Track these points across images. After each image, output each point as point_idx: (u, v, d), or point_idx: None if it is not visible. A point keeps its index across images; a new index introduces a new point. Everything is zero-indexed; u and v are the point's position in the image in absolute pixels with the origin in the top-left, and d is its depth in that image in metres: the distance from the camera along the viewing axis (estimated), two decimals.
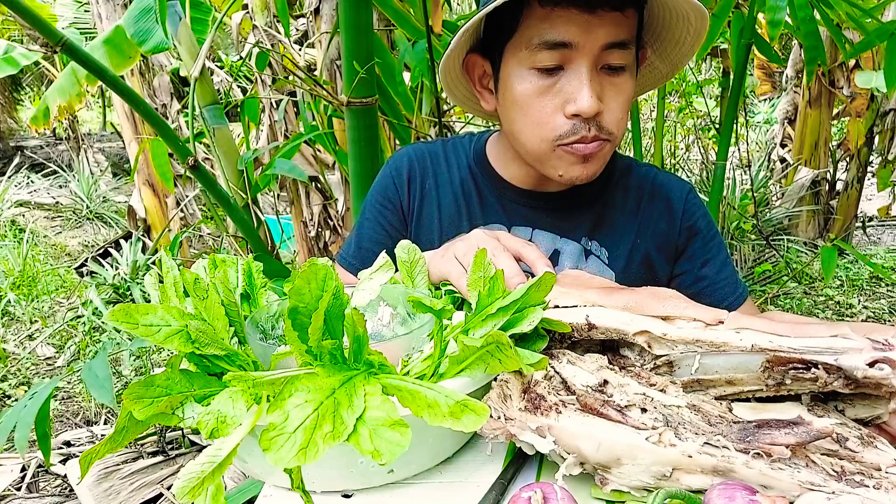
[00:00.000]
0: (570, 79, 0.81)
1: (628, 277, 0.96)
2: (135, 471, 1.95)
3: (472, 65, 0.92)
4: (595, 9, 0.78)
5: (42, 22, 1.24)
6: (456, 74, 0.95)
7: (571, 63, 0.81)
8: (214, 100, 1.66)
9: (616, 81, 0.83)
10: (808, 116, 4.04)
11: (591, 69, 0.80)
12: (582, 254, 0.97)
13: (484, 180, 1.01)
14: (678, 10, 0.83)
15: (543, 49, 0.81)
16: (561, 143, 0.84)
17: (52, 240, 5.27)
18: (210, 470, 0.49)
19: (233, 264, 0.76)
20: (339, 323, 0.57)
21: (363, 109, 1.40)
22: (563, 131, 0.83)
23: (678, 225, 0.99)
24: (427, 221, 1.02)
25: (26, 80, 8.24)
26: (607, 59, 0.81)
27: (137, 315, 0.57)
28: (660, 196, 1.00)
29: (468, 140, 1.06)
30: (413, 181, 1.04)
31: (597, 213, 0.98)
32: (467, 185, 1.02)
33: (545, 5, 0.80)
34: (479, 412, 0.49)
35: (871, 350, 0.53)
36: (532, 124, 0.85)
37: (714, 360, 0.59)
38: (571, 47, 0.80)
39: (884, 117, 3.89)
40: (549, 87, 0.82)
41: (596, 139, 0.83)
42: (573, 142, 0.83)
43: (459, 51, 0.90)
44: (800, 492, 0.50)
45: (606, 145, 0.85)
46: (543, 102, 0.83)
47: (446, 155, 1.05)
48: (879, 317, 3.28)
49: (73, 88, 2.53)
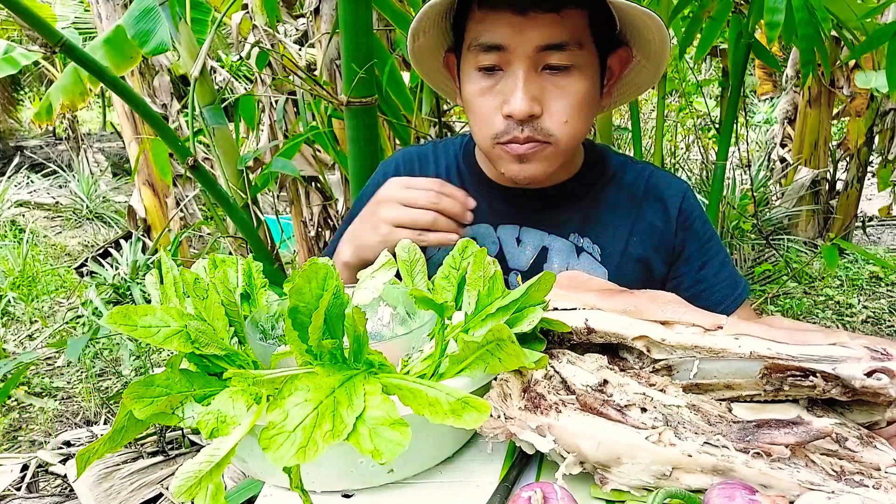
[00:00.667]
0: (508, 80, 0.82)
1: (623, 276, 0.96)
2: (135, 471, 1.95)
3: (451, 64, 0.95)
4: (527, 11, 0.78)
5: (41, 22, 1.24)
6: (442, 73, 0.98)
7: (509, 65, 0.82)
8: (214, 100, 1.66)
9: (560, 83, 0.82)
10: (808, 116, 4.04)
11: (527, 71, 0.81)
12: (573, 251, 0.97)
13: (470, 179, 1.02)
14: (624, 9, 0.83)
15: (481, 51, 0.83)
16: (498, 142, 0.85)
17: (52, 240, 5.27)
18: (208, 469, 0.49)
19: (233, 264, 0.76)
20: (339, 322, 0.57)
21: (363, 109, 1.40)
22: (499, 130, 0.84)
23: (674, 225, 0.99)
24: None
25: (26, 80, 8.23)
26: (546, 61, 0.81)
27: (136, 317, 0.57)
28: (654, 194, 0.99)
29: (459, 141, 1.07)
30: None
31: (585, 210, 0.98)
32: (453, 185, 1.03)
33: (482, 8, 0.82)
34: (480, 409, 0.49)
35: (869, 359, 0.53)
36: (477, 122, 0.88)
37: (712, 366, 0.60)
38: (505, 49, 0.81)
39: (884, 117, 3.89)
40: (491, 87, 0.84)
41: (529, 140, 0.83)
42: (507, 141, 0.84)
43: (433, 55, 0.95)
44: (799, 491, 0.50)
45: (547, 148, 0.85)
46: (485, 102, 0.85)
47: (436, 156, 1.06)
48: (879, 317, 3.28)
49: (77, 87, 2.53)
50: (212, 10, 2.17)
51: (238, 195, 1.67)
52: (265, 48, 2.01)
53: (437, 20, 0.89)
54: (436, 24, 0.90)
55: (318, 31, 2.10)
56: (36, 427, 2.60)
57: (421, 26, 0.87)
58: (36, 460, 2.15)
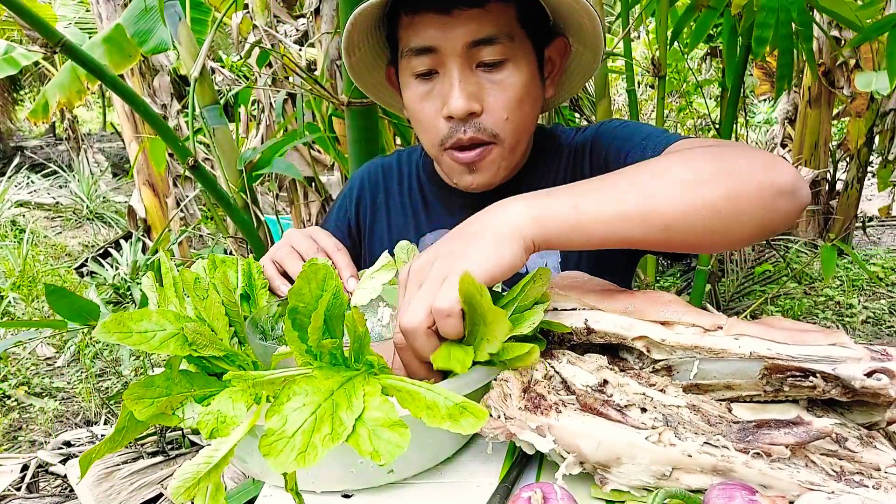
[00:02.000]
0: (443, 82, 0.82)
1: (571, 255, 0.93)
2: (135, 471, 1.95)
3: (392, 78, 0.95)
4: (450, 10, 0.78)
5: (41, 22, 1.24)
6: (385, 88, 0.98)
7: (443, 66, 0.81)
8: (214, 100, 1.66)
9: (496, 79, 0.81)
10: (808, 116, 4.04)
11: (461, 69, 0.80)
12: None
13: (430, 187, 1.02)
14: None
15: (413, 56, 0.82)
16: (445, 147, 0.85)
17: (52, 240, 5.27)
18: (206, 470, 0.49)
19: (233, 264, 0.76)
20: (339, 323, 0.57)
21: (363, 109, 1.40)
22: (443, 135, 0.83)
23: (601, 159, 0.92)
24: (379, 234, 1.04)
25: (26, 80, 8.24)
26: (479, 57, 0.80)
27: (131, 323, 0.57)
28: (583, 151, 0.96)
29: (420, 148, 1.06)
30: (363, 200, 1.07)
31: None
32: (415, 194, 1.03)
33: (408, 13, 0.81)
34: (477, 415, 0.49)
35: (869, 360, 0.53)
36: (422, 130, 0.87)
37: (712, 366, 0.60)
38: (436, 51, 0.80)
39: (884, 117, 3.89)
40: (428, 92, 0.83)
41: (473, 141, 0.82)
42: (452, 146, 0.84)
43: (373, 69, 0.95)
44: (799, 492, 0.50)
45: (493, 150, 0.84)
46: (425, 107, 0.84)
47: (399, 167, 1.06)
48: (879, 317, 3.28)
49: (74, 85, 2.53)
50: (212, 9, 2.18)
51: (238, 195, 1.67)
52: (265, 48, 2.01)
53: (371, 32, 0.89)
54: (370, 37, 0.90)
55: (318, 31, 2.10)
56: (36, 427, 2.60)
57: (353, 40, 0.87)
58: (36, 460, 2.15)
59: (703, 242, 0.66)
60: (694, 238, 0.64)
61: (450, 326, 0.56)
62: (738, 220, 0.63)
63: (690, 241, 0.65)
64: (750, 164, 0.64)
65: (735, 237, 0.66)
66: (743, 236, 0.66)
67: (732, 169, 0.64)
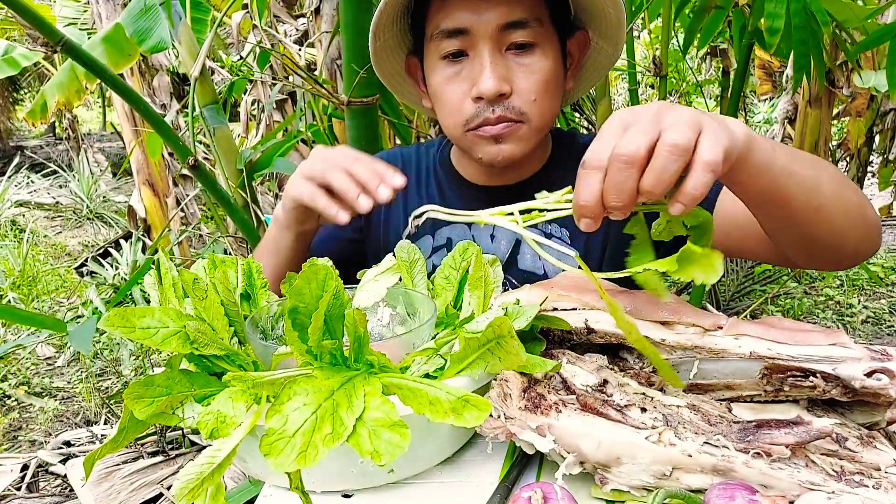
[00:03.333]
0: (473, 63, 0.83)
1: (591, 252, 0.95)
2: (135, 471, 1.95)
3: (413, 68, 0.96)
4: None
5: (42, 21, 1.24)
6: (403, 79, 0.99)
7: (473, 48, 0.83)
8: (214, 99, 1.66)
9: (525, 61, 0.84)
10: (808, 116, 4.04)
11: (492, 51, 0.82)
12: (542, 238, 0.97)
13: (446, 180, 1.03)
14: None
15: (444, 38, 0.84)
16: (469, 128, 0.86)
17: (52, 240, 5.27)
18: (209, 471, 0.49)
19: (232, 264, 0.75)
20: (339, 323, 0.57)
21: (363, 109, 1.40)
22: (469, 115, 0.85)
23: None
24: (395, 225, 1.04)
25: (25, 80, 8.23)
26: (509, 39, 0.83)
27: (134, 318, 0.57)
28: None
29: (438, 142, 1.08)
30: None
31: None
32: (431, 187, 1.04)
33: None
34: (481, 407, 0.49)
35: (869, 360, 0.53)
36: (447, 112, 0.88)
37: (712, 366, 0.60)
38: (468, 33, 0.82)
39: (884, 117, 3.89)
40: (457, 73, 0.85)
41: (501, 120, 0.84)
42: (478, 125, 0.85)
43: (394, 57, 0.95)
44: (799, 491, 0.50)
45: (521, 127, 0.86)
46: (453, 88, 0.86)
47: (417, 158, 1.07)
48: (879, 317, 3.28)
49: (73, 85, 2.53)
50: (211, 9, 2.17)
51: (238, 195, 1.67)
52: (265, 48, 2.01)
53: (396, 19, 0.90)
54: (395, 23, 0.91)
55: (318, 31, 2.10)
56: (36, 427, 2.60)
57: (381, 23, 0.88)
58: (36, 460, 2.15)
59: (826, 242, 0.70)
60: (826, 232, 0.68)
61: (697, 180, 0.49)
62: (849, 239, 0.70)
63: (822, 234, 0.68)
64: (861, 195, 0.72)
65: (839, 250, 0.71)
66: (843, 254, 0.72)
67: (857, 188, 0.71)
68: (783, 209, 0.65)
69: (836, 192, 0.67)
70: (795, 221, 0.67)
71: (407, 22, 0.92)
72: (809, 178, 0.65)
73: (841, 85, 3.91)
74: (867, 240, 0.72)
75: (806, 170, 0.65)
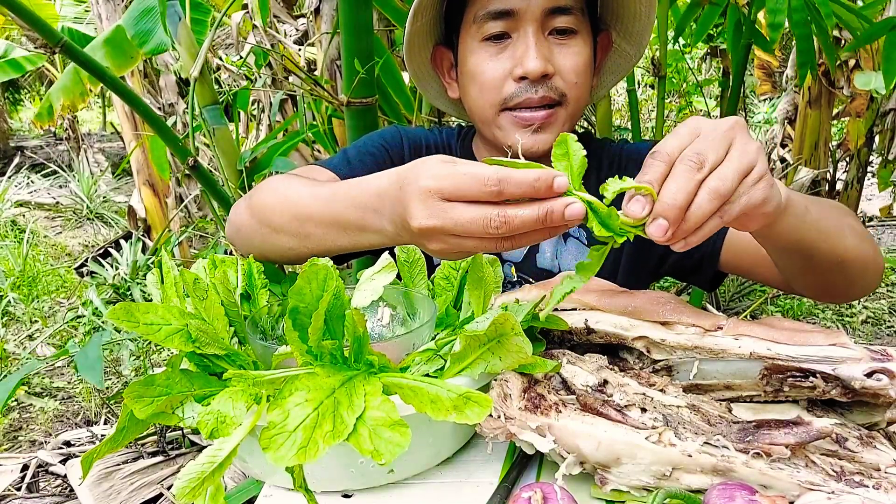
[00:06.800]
0: (518, 44, 0.85)
1: (614, 256, 0.95)
2: (135, 471, 1.95)
3: (439, 58, 0.98)
4: None
5: (41, 22, 1.24)
6: (427, 70, 1.00)
7: (517, 29, 0.85)
8: (214, 100, 1.66)
9: (566, 45, 0.86)
10: (808, 116, 4.03)
11: (536, 33, 0.84)
12: (560, 237, 0.98)
13: None
14: None
15: (489, 19, 0.85)
16: (506, 107, 0.87)
17: (52, 240, 5.27)
18: (210, 470, 0.49)
19: (232, 264, 0.76)
20: (339, 323, 0.57)
21: (363, 109, 1.40)
22: (510, 93, 0.86)
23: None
24: None
25: (25, 80, 8.23)
26: (553, 24, 0.85)
27: (138, 314, 0.57)
28: (631, 164, 0.98)
29: (455, 132, 1.08)
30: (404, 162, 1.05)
31: None
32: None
33: None
34: (482, 403, 0.49)
35: (869, 360, 0.53)
36: (480, 90, 0.89)
37: (712, 366, 0.60)
38: (514, 15, 0.84)
39: (884, 117, 3.89)
40: (498, 53, 0.87)
41: (544, 100, 0.85)
42: (518, 104, 0.86)
43: (424, 45, 0.96)
44: (799, 492, 0.50)
45: (559, 112, 0.87)
46: (494, 66, 0.87)
47: (436, 142, 1.06)
48: (879, 317, 3.28)
49: (77, 87, 2.53)
50: (212, 10, 2.17)
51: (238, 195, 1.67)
52: (265, 48, 2.01)
53: (433, 3, 0.91)
54: (432, 6, 0.92)
55: (318, 31, 2.10)
56: (36, 427, 2.60)
57: (423, 4, 0.89)
58: (36, 460, 2.15)
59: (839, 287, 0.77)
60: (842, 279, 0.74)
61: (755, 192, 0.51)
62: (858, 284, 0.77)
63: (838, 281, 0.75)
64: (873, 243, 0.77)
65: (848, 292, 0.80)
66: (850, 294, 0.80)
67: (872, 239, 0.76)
68: (806, 260, 0.69)
69: (857, 245, 0.71)
70: (816, 270, 0.71)
71: (441, 10, 0.94)
72: (835, 234, 0.68)
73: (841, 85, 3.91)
74: (873, 284, 0.78)
75: (833, 226, 0.68)
